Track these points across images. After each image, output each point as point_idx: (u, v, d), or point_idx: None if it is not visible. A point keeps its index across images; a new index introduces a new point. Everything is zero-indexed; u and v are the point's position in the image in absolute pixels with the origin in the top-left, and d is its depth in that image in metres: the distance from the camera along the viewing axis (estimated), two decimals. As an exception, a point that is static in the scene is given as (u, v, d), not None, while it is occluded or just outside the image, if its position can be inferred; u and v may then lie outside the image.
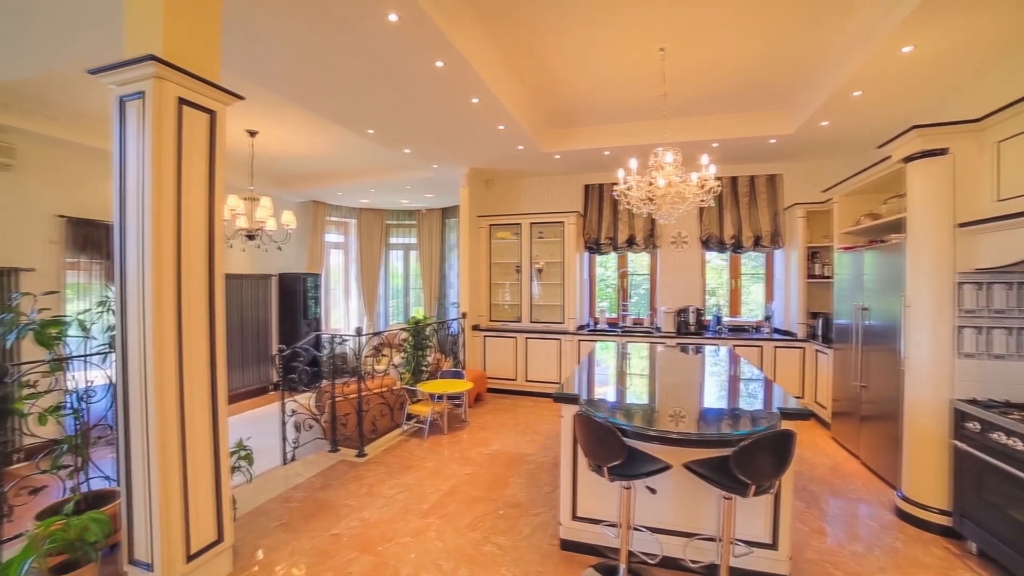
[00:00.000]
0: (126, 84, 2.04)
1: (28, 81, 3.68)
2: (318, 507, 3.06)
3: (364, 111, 4.16)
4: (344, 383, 4.14)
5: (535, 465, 3.80)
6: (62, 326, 2.36)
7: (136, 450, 2.08)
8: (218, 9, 2.27)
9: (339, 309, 9.33)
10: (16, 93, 4.01)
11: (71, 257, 4.92)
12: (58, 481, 2.41)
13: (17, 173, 4.53)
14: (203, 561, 2.21)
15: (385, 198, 8.35)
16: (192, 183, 2.14)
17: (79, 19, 2.68)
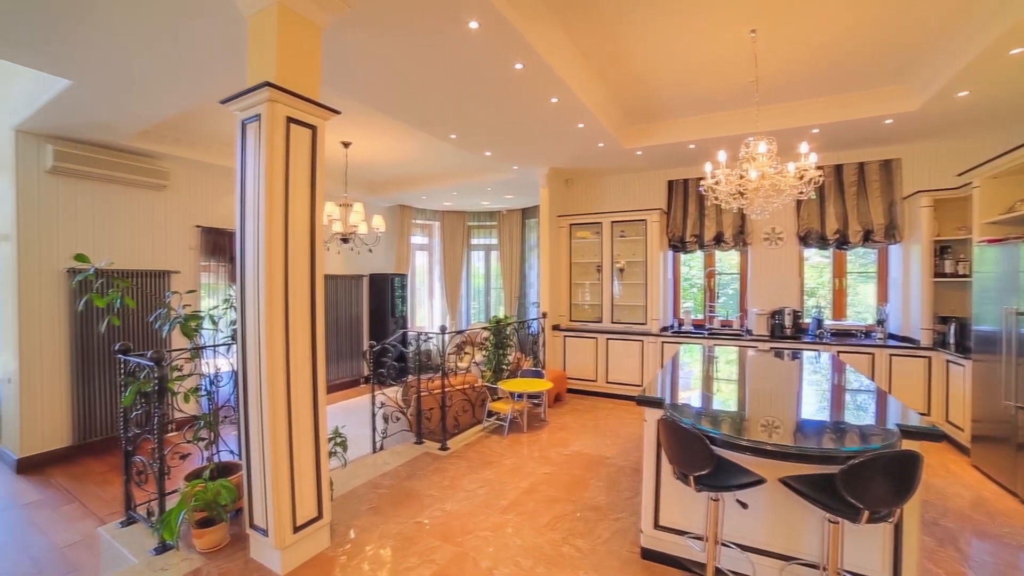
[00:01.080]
0: (247, 109, 2.32)
1: (178, 116, 4.33)
2: (404, 495, 3.24)
3: (447, 117, 4.34)
4: (429, 379, 4.35)
5: (615, 469, 3.72)
6: (199, 320, 2.75)
7: (253, 430, 2.36)
8: (318, 37, 2.50)
9: (424, 308, 9.81)
10: (169, 127, 4.77)
11: (204, 260, 5.72)
12: (198, 450, 2.81)
13: (169, 192, 5.37)
14: (306, 534, 2.45)
15: (467, 200, 8.64)
16: (297, 192, 2.37)
17: (216, 62, 3.12)
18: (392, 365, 4.36)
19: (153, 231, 5.27)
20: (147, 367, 2.60)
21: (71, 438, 4.65)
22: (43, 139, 4.46)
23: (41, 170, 4.48)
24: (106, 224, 4.91)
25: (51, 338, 4.56)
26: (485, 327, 5.29)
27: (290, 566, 2.38)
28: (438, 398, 4.16)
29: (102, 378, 4.80)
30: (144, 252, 5.18)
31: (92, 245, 4.73)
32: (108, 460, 4.54)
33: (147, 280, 5.12)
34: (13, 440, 4.47)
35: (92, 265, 2.66)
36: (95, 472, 4.33)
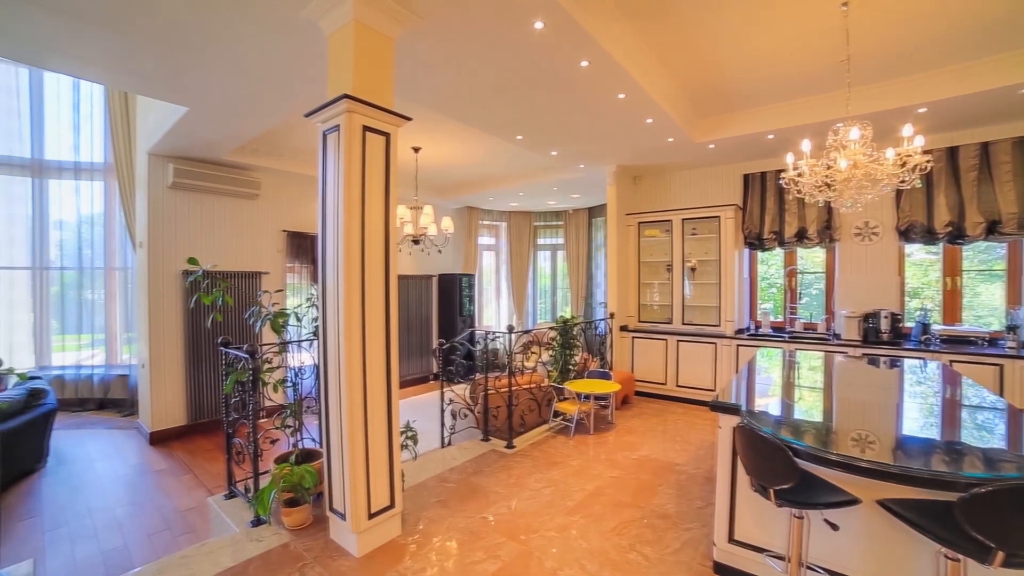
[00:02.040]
0: (327, 120, 2.50)
1: (267, 131, 4.77)
2: (471, 490, 3.32)
3: (513, 118, 4.38)
4: (496, 377, 4.42)
5: (686, 476, 3.56)
6: (286, 317, 3.01)
7: (333, 421, 2.54)
8: (391, 48, 2.63)
9: (491, 307, 9.99)
10: (261, 141, 5.27)
11: (289, 262, 6.25)
12: (285, 436, 3.08)
13: (260, 201, 5.92)
14: (379, 520, 2.59)
15: (533, 200, 8.68)
16: (373, 196, 2.51)
17: (299, 80, 3.39)
18: (460, 363, 4.49)
19: (247, 236, 5.84)
20: (243, 359, 2.88)
21: (186, 418, 5.29)
22: (166, 159, 5.11)
23: (164, 186, 5.14)
24: (210, 230, 5.51)
25: (171, 331, 5.21)
26: (552, 327, 5.28)
27: (365, 549, 2.53)
28: (505, 396, 4.22)
29: (208, 367, 5.40)
30: (239, 255, 5.76)
31: (200, 249, 5.34)
32: (214, 439, 5.10)
33: (242, 280, 5.69)
34: (147, 416, 5.20)
35: (200, 267, 3.01)
36: (204, 449, 4.90)
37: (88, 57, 3.16)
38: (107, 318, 6.62)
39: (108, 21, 2.71)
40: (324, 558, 2.48)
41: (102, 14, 2.64)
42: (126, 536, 3.28)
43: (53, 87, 6.48)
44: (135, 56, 3.11)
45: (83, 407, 6.32)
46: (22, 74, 6.27)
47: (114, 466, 4.52)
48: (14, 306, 6.27)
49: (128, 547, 3.14)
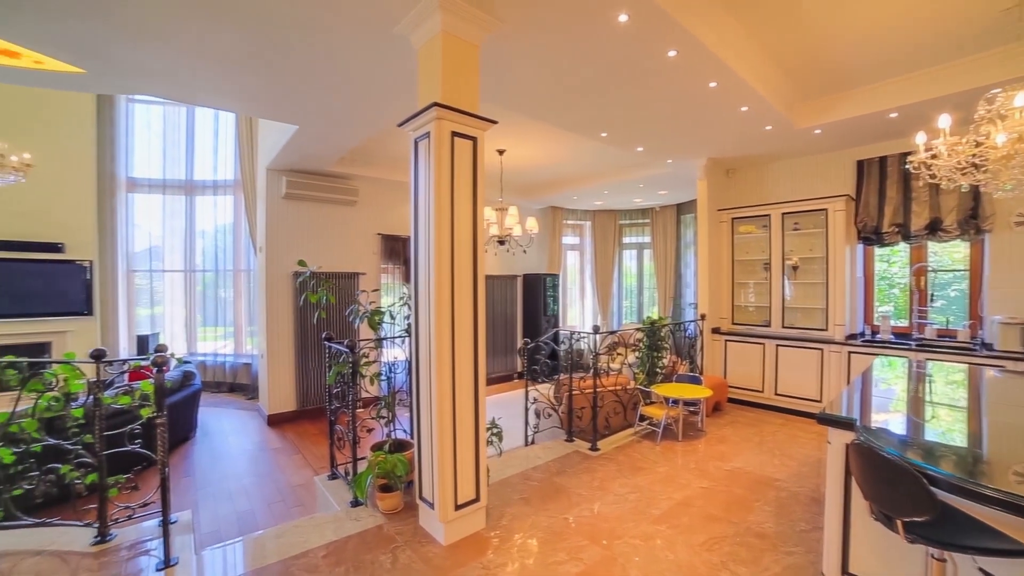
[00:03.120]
0: (418, 128, 2.65)
1: (364, 142, 5.17)
2: (554, 490, 3.32)
3: (596, 115, 4.30)
4: (581, 378, 4.38)
5: (786, 494, 3.26)
6: (381, 315, 3.23)
7: (423, 414, 2.68)
8: (476, 54, 2.71)
9: (575, 307, 9.91)
10: (358, 151, 5.72)
11: (383, 263, 6.71)
12: (379, 426, 3.31)
13: (358, 207, 6.43)
14: (465, 512, 2.68)
15: (618, 198, 8.47)
16: (461, 199, 2.61)
17: (391, 93, 3.63)
18: (545, 363, 4.50)
19: (346, 239, 6.37)
20: (344, 353, 3.15)
21: (296, 404, 5.91)
22: (280, 173, 5.75)
23: (279, 196, 5.78)
24: (316, 235, 6.10)
25: (284, 325, 5.85)
26: (638, 328, 5.11)
27: (451, 539, 2.64)
28: (589, 398, 4.16)
29: (314, 359, 5.98)
30: (340, 257, 6.29)
31: (307, 252, 5.91)
32: (318, 424, 5.64)
33: (343, 280, 6.21)
34: (265, 400, 5.90)
35: (308, 269, 3.35)
36: (311, 433, 5.43)
37: (228, 92, 3.68)
38: (235, 313, 7.63)
39: (245, 60, 3.12)
40: (414, 543, 2.62)
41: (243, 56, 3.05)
42: (252, 501, 3.76)
43: (200, 118, 7.64)
44: (261, 86, 3.53)
45: (218, 389, 7.34)
46: (182, 112, 7.52)
47: (242, 442, 5.19)
48: (173, 302, 7.62)
49: (254, 511, 3.61)
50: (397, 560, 2.46)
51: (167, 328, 7.57)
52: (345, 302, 5.95)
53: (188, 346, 7.54)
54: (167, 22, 2.72)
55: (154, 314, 7.65)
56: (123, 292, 7.19)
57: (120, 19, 2.68)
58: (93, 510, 2.56)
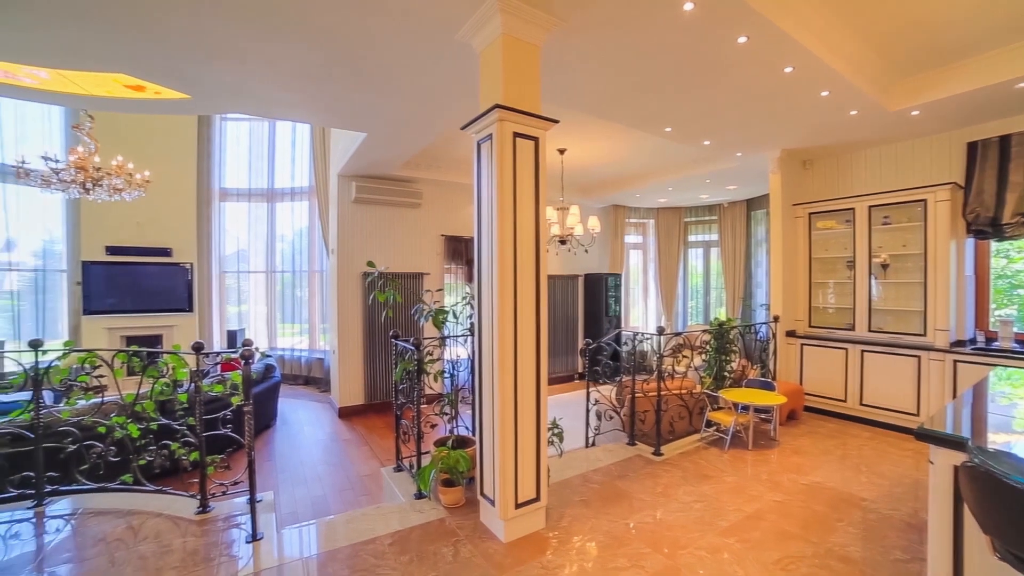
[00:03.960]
0: (481, 131, 2.70)
1: (427, 146, 5.35)
2: (615, 494, 3.25)
3: (660, 110, 4.17)
4: (644, 380, 4.26)
5: (876, 516, 2.97)
6: (445, 314, 3.33)
7: (486, 412, 2.72)
8: (537, 54, 2.72)
9: (637, 308, 9.66)
10: (421, 155, 5.93)
11: (446, 264, 6.90)
12: (443, 422, 3.41)
13: (422, 209, 6.67)
14: (525, 511, 2.69)
15: (683, 195, 8.14)
16: (523, 199, 2.63)
17: (453, 98, 3.73)
18: (607, 364, 4.43)
19: (411, 240, 6.62)
20: (410, 350, 3.27)
21: (363, 398, 6.24)
22: (350, 179, 6.09)
23: (349, 201, 6.13)
24: (382, 237, 6.39)
25: (353, 323, 6.19)
26: (705, 330, 4.89)
27: (511, 536, 2.66)
28: (653, 401, 4.04)
29: (381, 356, 6.27)
30: (405, 257, 6.56)
31: (375, 254, 6.22)
32: (384, 418, 5.91)
33: (408, 280, 6.47)
34: (336, 394, 6.28)
35: (376, 269, 3.52)
36: (378, 426, 5.70)
37: (303, 105, 3.96)
38: (310, 311, 8.19)
39: (317, 76, 3.34)
40: (474, 538, 2.68)
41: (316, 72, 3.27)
42: (324, 487, 4.02)
43: (280, 131, 8.30)
44: (332, 98, 3.77)
45: (295, 382, 7.91)
46: (265, 126, 8.25)
47: (315, 431, 5.56)
48: (256, 300, 8.36)
49: (326, 497, 3.86)
50: (458, 553, 2.52)
51: (251, 324, 8.31)
52: (410, 301, 6.19)
53: (269, 341, 8.20)
54: (252, 46, 2.97)
55: (240, 311, 8.43)
56: (216, 291, 8.00)
57: (216, 47, 2.96)
58: (195, 484, 2.88)
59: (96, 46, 2.98)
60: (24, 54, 3.09)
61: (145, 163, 5.96)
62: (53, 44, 2.95)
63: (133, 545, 2.56)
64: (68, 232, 6.94)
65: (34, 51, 3.05)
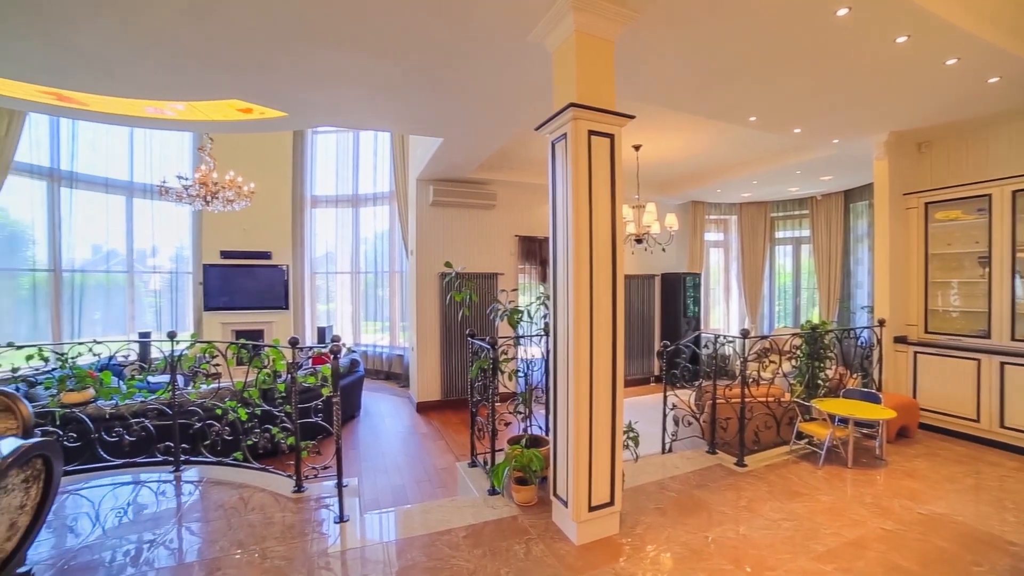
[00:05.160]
0: (555, 131, 2.69)
1: (502, 148, 5.44)
2: (693, 504, 3.10)
3: (745, 99, 3.90)
4: (726, 386, 4.01)
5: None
6: (520, 313, 3.37)
7: (560, 412, 2.71)
8: (611, 49, 2.66)
9: (718, 309, 9.15)
10: (495, 157, 6.04)
11: (520, 264, 6.97)
12: (516, 420, 3.45)
13: (496, 210, 6.80)
14: (599, 515, 2.65)
15: (769, 189, 7.57)
16: (599, 198, 2.58)
17: (528, 98, 3.75)
18: (686, 367, 4.23)
19: (486, 241, 6.77)
20: (486, 349, 3.35)
21: (440, 394, 6.48)
22: (427, 182, 6.36)
23: (427, 204, 6.40)
24: (458, 238, 6.60)
25: (431, 322, 6.46)
26: (795, 333, 4.51)
27: (583, 539, 2.62)
28: (736, 408, 3.80)
29: (457, 354, 6.47)
30: (480, 258, 6.71)
31: (451, 254, 6.43)
32: (460, 415, 6.09)
33: (483, 280, 6.61)
34: (415, 389, 6.60)
35: (453, 270, 3.64)
36: (453, 422, 5.90)
37: (384, 115, 4.21)
38: (390, 310, 8.67)
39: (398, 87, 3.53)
40: (546, 538, 2.68)
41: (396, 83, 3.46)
42: (403, 477, 4.24)
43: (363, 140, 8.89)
44: (411, 107, 3.96)
45: (376, 376, 8.41)
46: (349, 136, 8.91)
47: (395, 424, 5.88)
48: (342, 299, 9.04)
49: (405, 486, 4.06)
50: (530, 552, 2.54)
51: (338, 321, 8.98)
52: (485, 301, 6.33)
53: (354, 338, 8.80)
54: (340, 66, 3.20)
55: (329, 309, 9.15)
56: (307, 290, 8.76)
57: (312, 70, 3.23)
58: (291, 465, 3.17)
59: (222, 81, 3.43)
60: (169, 92, 3.68)
61: (250, 176, 6.65)
62: (194, 83, 3.47)
63: (244, 514, 2.88)
64: (193, 239, 8.08)
65: (177, 89, 3.61)
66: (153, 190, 6.95)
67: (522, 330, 3.46)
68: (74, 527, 2.77)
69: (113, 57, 3.10)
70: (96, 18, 2.67)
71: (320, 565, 2.42)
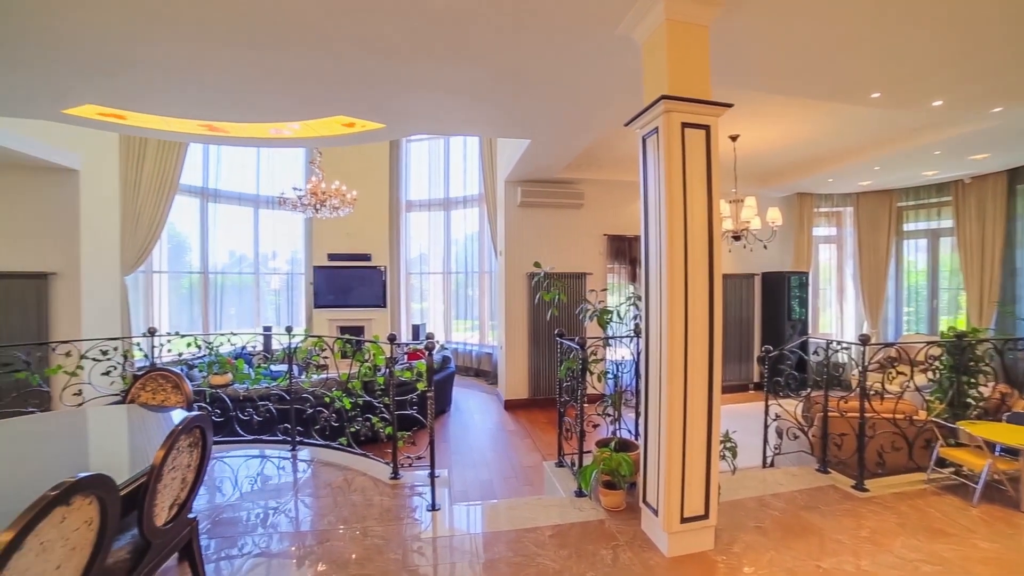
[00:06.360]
0: (645, 125, 2.59)
1: (588, 146, 5.37)
2: (800, 527, 2.80)
3: (866, 72, 3.40)
4: (841, 398, 3.59)
5: None
6: (610, 314, 3.30)
7: (651, 417, 2.61)
8: (706, 36, 2.50)
9: (830, 312, 8.23)
10: (582, 156, 5.98)
11: (609, 264, 6.83)
12: (605, 423, 3.39)
13: (584, 209, 6.73)
14: (692, 528, 2.50)
15: (896, 174, 6.63)
16: (694, 194, 2.44)
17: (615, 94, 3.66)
18: (791, 375, 3.86)
19: (574, 241, 6.72)
20: (575, 349, 3.32)
21: (527, 393, 6.56)
22: (515, 184, 6.47)
23: (515, 205, 6.51)
24: (546, 238, 6.62)
25: (519, 321, 6.56)
26: (933, 341, 3.89)
27: (674, 552, 2.49)
28: (852, 423, 3.38)
29: (545, 353, 6.50)
30: (568, 258, 6.67)
31: (539, 255, 6.47)
32: (547, 415, 6.11)
33: (570, 280, 6.57)
34: (503, 387, 6.76)
35: (542, 270, 3.66)
36: (540, 421, 5.94)
37: (474, 120, 4.36)
38: (480, 309, 8.94)
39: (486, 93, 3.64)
40: (635, 546, 2.58)
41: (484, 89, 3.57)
42: (491, 472, 4.36)
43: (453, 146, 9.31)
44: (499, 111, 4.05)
45: (466, 373, 8.73)
46: (440, 143, 9.39)
47: (484, 420, 6.06)
48: (434, 298, 9.56)
49: (492, 481, 4.17)
50: (618, 559, 2.47)
51: (431, 319, 9.47)
52: (573, 301, 6.30)
53: (445, 335, 9.22)
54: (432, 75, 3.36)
55: (422, 308, 9.69)
56: (403, 290, 9.35)
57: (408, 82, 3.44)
58: (389, 453, 3.41)
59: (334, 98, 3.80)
60: (289, 114, 4.17)
61: (353, 184, 7.26)
62: (308, 104, 3.89)
63: (347, 494, 3.16)
64: (305, 244, 9.08)
65: (295, 110, 4.07)
66: (273, 201, 7.90)
67: (611, 331, 3.38)
68: (220, 488, 3.30)
69: (248, 90, 3.60)
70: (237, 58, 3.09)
71: (413, 548, 2.57)
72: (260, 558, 2.52)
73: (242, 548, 2.59)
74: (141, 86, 3.49)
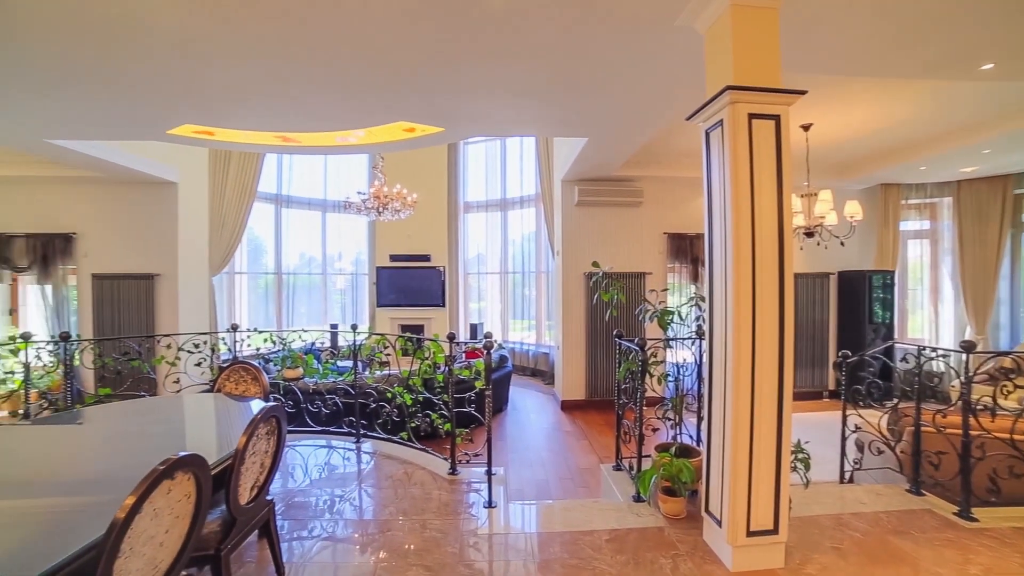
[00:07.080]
0: (709, 118, 2.48)
1: (647, 143, 5.21)
2: (887, 553, 2.55)
3: (975, 42, 2.99)
4: (938, 411, 3.23)
5: None
6: (671, 315, 3.18)
7: (715, 423, 2.49)
8: (775, 19, 2.34)
9: (920, 314, 7.45)
10: (641, 153, 5.81)
11: (669, 263, 6.59)
12: (665, 427, 3.28)
13: (643, 207, 6.55)
14: (759, 542, 2.35)
15: (1011, 157, 5.83)
16: (762, 188, 2.30)
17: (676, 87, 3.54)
18: (874, 383, 3.53)
19: (632, 240, 6.55)
20: (634, 350, 3.24)
21: (584, 394, 6.48)
22: (572, 183, 6.41)
23: (572, 204, 6.45)
24: (604, 237, 6.51)
25: (576, 321, 6.49)
26: (1049, 350, 3.40)
27: (739, 567, 2.35)
28: (953, 440, 3.02)
29: (603, 354, 6.40)
30: (627, 257, 6.52)
31: (597, 254, 6.37)
32: (604, 416, 6.01)
33: (629, 280, 6.42)
34: (559, 387, 6.73)
35: (600, 269, 3.60)
36: (597, 422, 5.85)
37: (530, 120, 4.36)
38: (537, 309, 8.94)
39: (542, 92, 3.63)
40: (696, 556, 2.47)
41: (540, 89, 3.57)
42: (546, 472, 4.35)
43: (509, 147, 9.39)
44: (555, 110, 4.03)
45: (522, 373, 8.76)
46: (496, 144, 9.52)
47: (540, 420, 6.05)
48: (492, 298, 9.71)
49: (548, 481, 4.16)
50: (678, 569, 2.37)
51: (488, 319, 9.61)
52: (632, 301, 6.15)
53: (502, 335, 9.30)
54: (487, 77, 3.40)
55: (480, 307, 9.84)
56: (461, 290, 9.54)
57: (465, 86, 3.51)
58: (447, 449, 3.49)
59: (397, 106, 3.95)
60: (354, 123, 4.38)
61: (413, 187, 7.52)
62: (371, 112, 4.08)
63: (407, 487, 3.28)
64: (369, 245, 9.53)
65: (360, 118, 4.26)
66: (339, 205, 8.37)
67: (672, 332, 3.26)
68: (292, 474, 3.55)
69: (318, 102, 3.83)
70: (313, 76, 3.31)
71: (470, 543, 2.62)
72: (327, 541, 2.68)
73: (311, 531, 2.76)
74: (231, 105, 3.84)
